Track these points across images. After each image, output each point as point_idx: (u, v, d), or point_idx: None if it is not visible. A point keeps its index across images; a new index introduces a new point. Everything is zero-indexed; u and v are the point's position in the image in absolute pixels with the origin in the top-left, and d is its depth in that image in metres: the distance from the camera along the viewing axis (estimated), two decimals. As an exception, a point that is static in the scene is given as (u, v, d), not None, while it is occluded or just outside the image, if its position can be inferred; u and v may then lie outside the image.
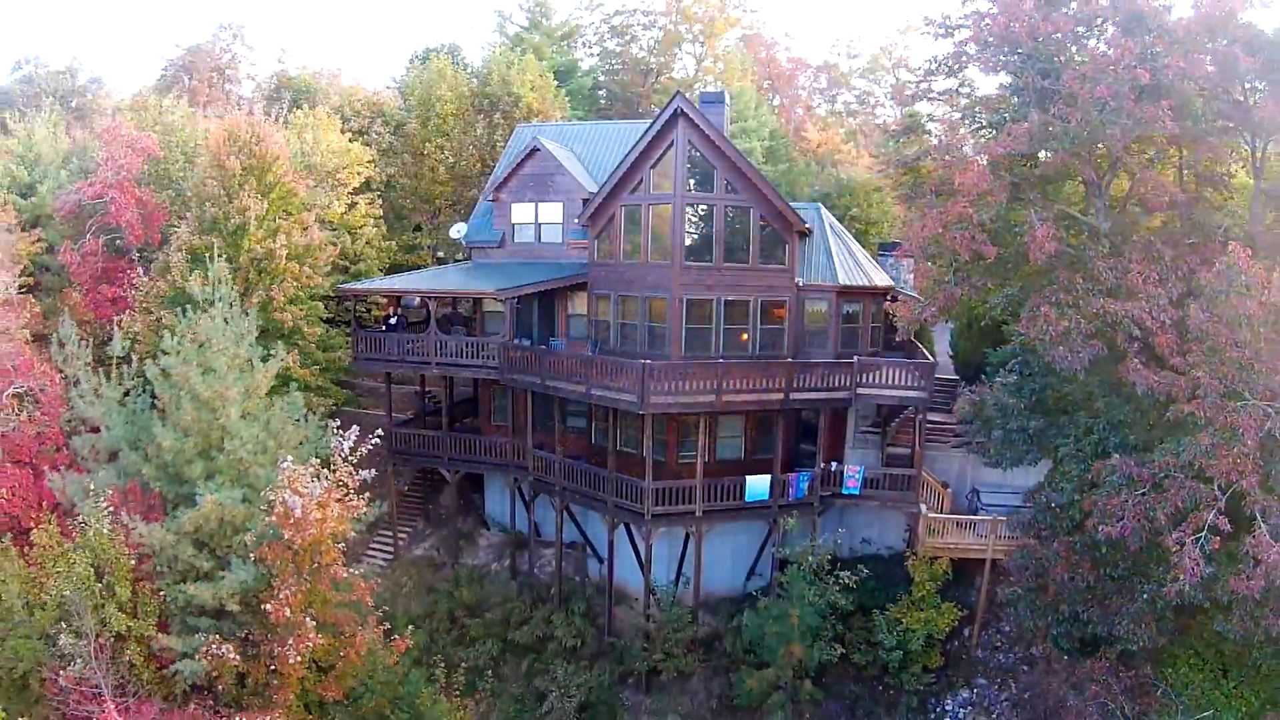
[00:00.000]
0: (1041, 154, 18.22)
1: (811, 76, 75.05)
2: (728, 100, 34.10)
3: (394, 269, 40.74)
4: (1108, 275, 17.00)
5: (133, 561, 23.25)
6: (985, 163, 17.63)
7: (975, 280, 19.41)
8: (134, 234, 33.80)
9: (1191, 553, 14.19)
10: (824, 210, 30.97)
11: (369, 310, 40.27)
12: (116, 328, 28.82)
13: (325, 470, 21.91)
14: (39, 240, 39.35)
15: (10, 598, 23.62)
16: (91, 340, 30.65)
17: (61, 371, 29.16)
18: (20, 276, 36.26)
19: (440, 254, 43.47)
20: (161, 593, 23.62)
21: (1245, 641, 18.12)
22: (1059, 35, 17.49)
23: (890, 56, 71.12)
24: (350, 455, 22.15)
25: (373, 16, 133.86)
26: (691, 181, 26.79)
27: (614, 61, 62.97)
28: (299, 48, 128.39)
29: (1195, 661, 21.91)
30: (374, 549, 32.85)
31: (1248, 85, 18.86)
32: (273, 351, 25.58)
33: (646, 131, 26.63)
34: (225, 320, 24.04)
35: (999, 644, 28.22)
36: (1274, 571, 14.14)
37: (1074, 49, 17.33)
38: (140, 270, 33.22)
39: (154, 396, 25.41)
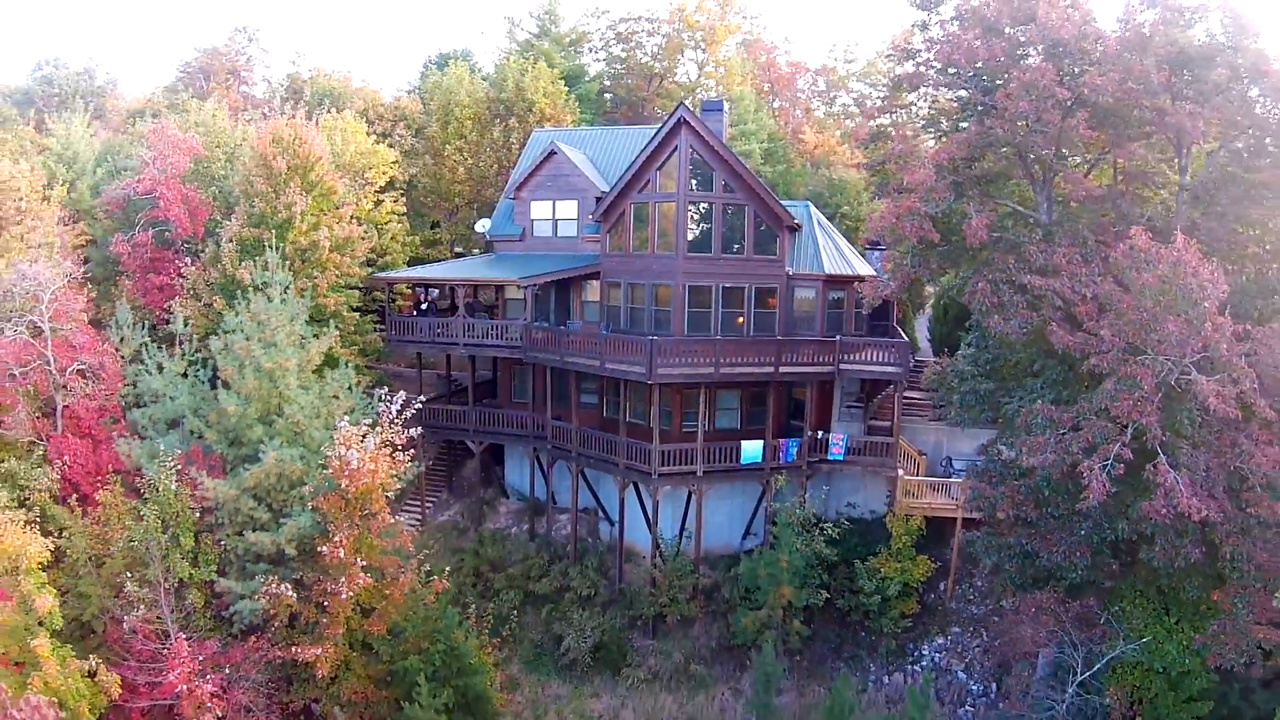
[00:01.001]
0: (988, 157, 21.95)
1: (810, 80, 78.73)
2: (726, 108, 37.88)
3: (415, 261, 44.45)
4: (1038, 257, 20.77)
5: (196, 515, 26.92)
6: (931, 166, 21.42)
7: (930, 263, 23.25)
8: (182, 227, 37.53)
9: (1099, 476, 17.82)
10: (813, 208, 34.74)
11: (393, 300, 44.02)
12: (177, 310, 32.51)
13: (373, 431, 25.65)
14: (81, 234, 43.11)
15: (76, 552, 27.24)
16: (145, 323, 34.51)
17: (119, 350, 32.89)
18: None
19: (458, 248, 47.20)
20: (221, 543, 27.30)
21: (1168, 570, 21.81)
22: (996, 60, 21.24)
23: (893, 58, 74.79)
24: (396, 418, 25.94)
25: (383, 20, 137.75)
26: (693, 182, 30.56)
27: (619, 66, 66.72)
28: (310, 50, 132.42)
29: (1140, 601, 25.56)
30: (402, 517, 36.52)
31: (1159, 98, 22.62)
32: (320, 332, 29.35)
33: (653, 138, 30.43)
34: (282, 301, 27.77)
35: (971, 597, 31.94)
36: (1172, 494, 17.81)
37: (1010, 72, 21.07)
38: (188, 260, 36.89)
39: (215, 371, 29.14)
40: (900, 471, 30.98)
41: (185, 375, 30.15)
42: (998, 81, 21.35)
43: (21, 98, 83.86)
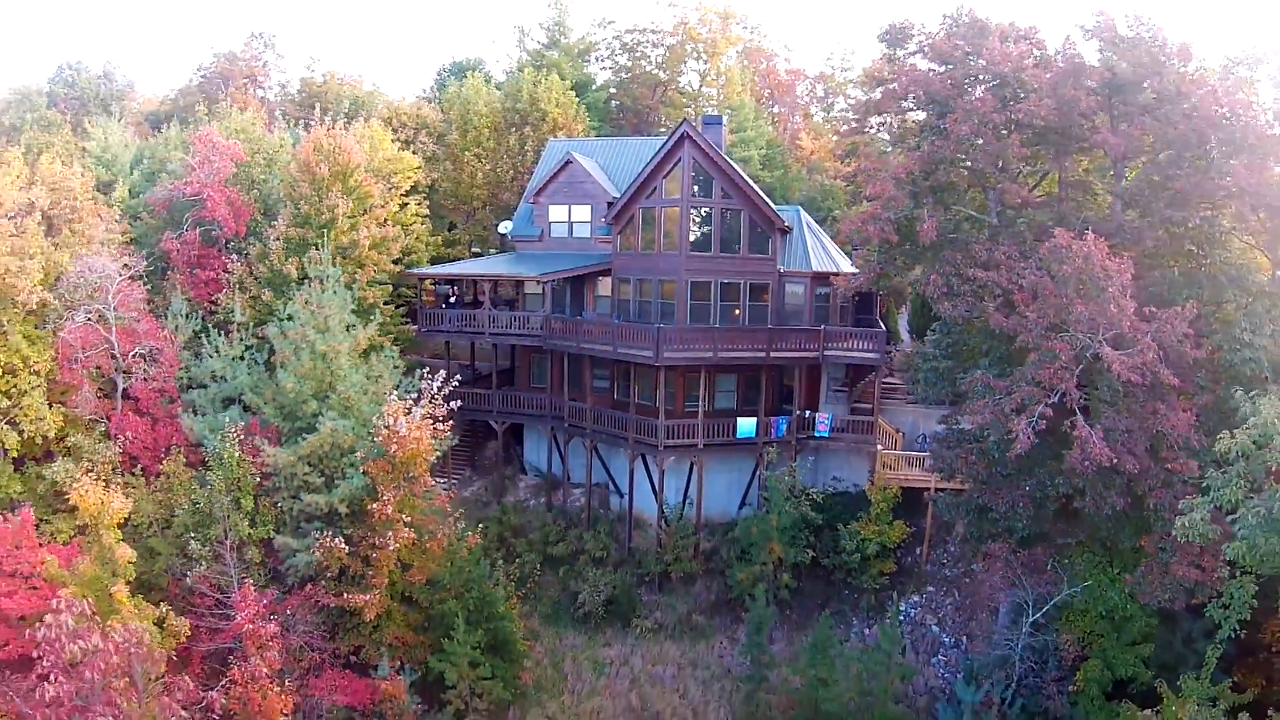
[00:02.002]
0: (941, 171, 26.49)
1: (809, 86, 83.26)
2: (725, 121, 42.47)
3: (436, 260, 48.96)
4: (982, 254, 25.26)
5: (256, 479, 31.35)
6: (891, 179, 26.00)
7: (896, 260, 27.81)
8: (228, 227, 42.02)
9: (1025, 430, 22.27)
10: (803, 212, 39.31)
11: (417, 295, 48.54)
12: (224, 301, 37.03)
13: (417, 405, 30.17)
14: (125, 232, 47.61)
15: (143, 515, 31.66)
16: (196, 313, 39.02)
17: (175, 337, 37.39)
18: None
19: (475, 248, 51.77)
20: (278, 505, 31.76)
21: (1102, 520, 26.28)
22: (946, 89, 25.73)
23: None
24: (436, 394, 30.47)
25: (393, 26, 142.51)
26: (695, 188, 35.13)
27: (624, 75, 71.33)
28: (323, 55, 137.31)
29: (1085, 553, 30.02)
30: (429, 492, 41.01)
31: (1096, 117, 27.18)
32: (368, 320, 33.89)
33: (660, 150, 35.00)
34: (334, 292, 32.30)
35: (945, 561, 36.42)
36: (1087, 444, 22.29)
37: (957, 100, 25.55)
38: (234, 257, 41.38)
39: (271, 353, 33.66)
40: (879, 447, 35.49)
41: (242, 358, 34.73)
42: (949, 108, 25.91)
43: (43, 100, 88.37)
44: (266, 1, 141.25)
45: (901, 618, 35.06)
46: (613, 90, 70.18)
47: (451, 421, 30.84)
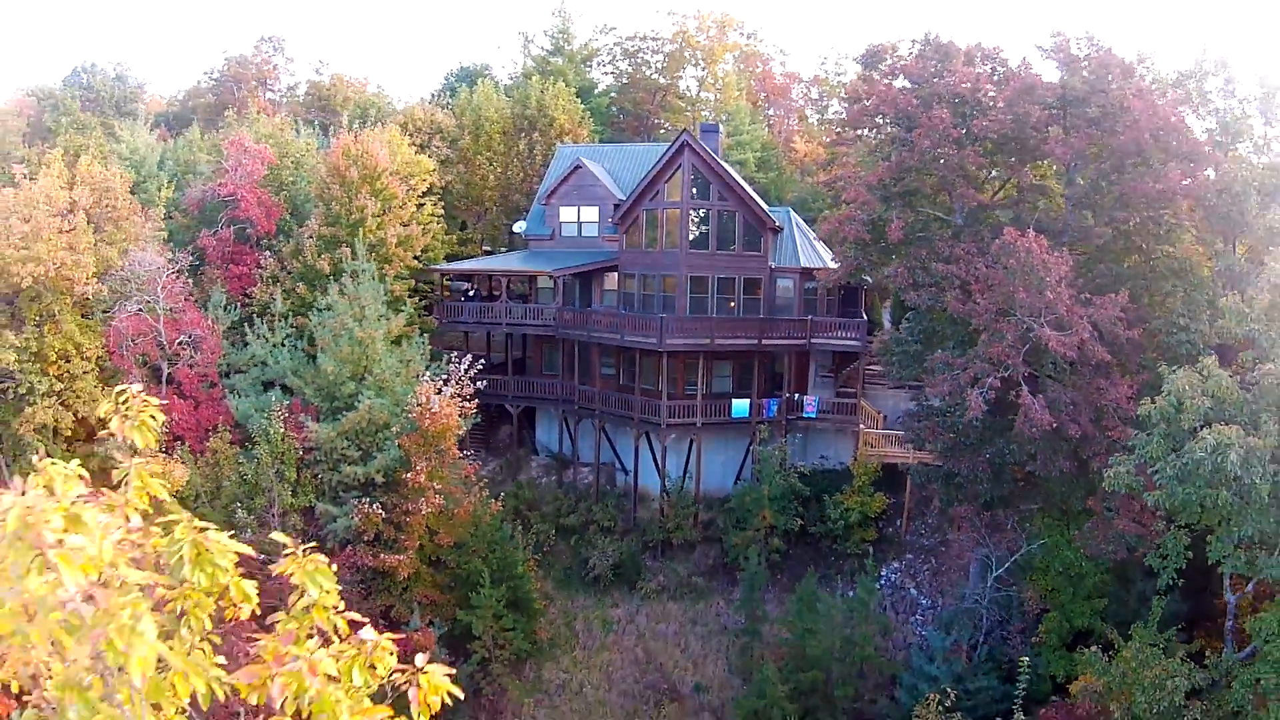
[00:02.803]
0: (908, 178, 30.85)
1: (804, 89, 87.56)
2: (721, 127, 46.75)
3: (451, 257, 53.13)
4: (944, 250, 29.56)
5: (299, 452, 35.53)
6: (864, 186, 30.37)
7: (871, 256, 32.18)
8: (261, 225, 46.25)
9: (977, 399, 26.55)
10: (793, 213, 43.62)
11: (433, 289, 52.82)
12: (260, 294, 41.24)
13: (446, 385, 34.43)
14: (158, 229, 51.75)
15: (190, 489, 35.77)
16: (235, 305, 43.21)
17: (216, 326, 41.56)
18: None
19: (487, 246, 56.02)
20: (318, 476, 35.96)
21: (1052, 481, 30.57)
22: (912, 107, 30.11)
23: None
24: (464, 376, 34.74)
25: (396, 29, 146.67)
26: (694, 191, 39.42)
27: (625, 80, 75.63)
28: (330, 57, 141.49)
29: (1045, 518, 34.33)
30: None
31: (1051, 129, 31.57)
32: (400, 309, 38.12)
33: (662, 156, 39.30)
34: (368, 284, 36.53)
35: (923, 532, 40.72)
36: (1030, 410, 26.58)
37: (921, 117, 29.89)
38: (267, 254, 45.57)
39: (310, 341, 37.84)
40: (862, 427, 39.82)
41: (281, 345, 38.96)
42: (915, 123, 30.23)
43: (74, 104, 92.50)
44: (270, 4, 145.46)
45: (882, 582, 39.35)
46: (614, 95, 74.48)
47: (476, 400, 35.06)
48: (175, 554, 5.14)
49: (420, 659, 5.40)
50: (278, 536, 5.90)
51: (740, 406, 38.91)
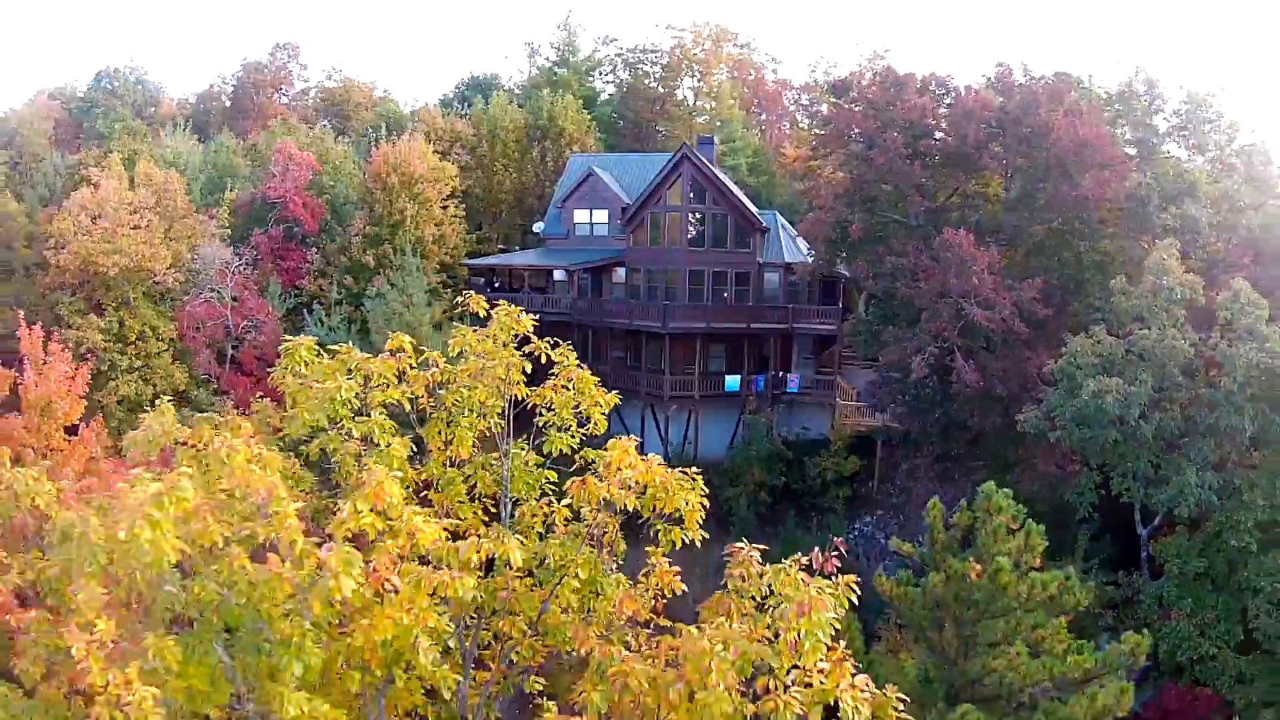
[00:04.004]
0: (869, 188, 38.92)
1: (795, 95, 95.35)
2: (716, 135, 54.76)
3: (471, 255, 60.89)
4: (898, 246, 37.49)
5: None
6: (831, 194, 38.45)
7: (841, 252, 40.26)
8: (306, 225, 54.03)
9: (919, 364, 34.42)
10: (779, 216, 51.63)
11: (455, 283, 60.60)
12: (332, 284, 48.99)
13: (482, 360, 42.25)
14: (222, 227, 59.30)
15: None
16: (290, 294, 51.00)
17: (274, 312, 49.27)
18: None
19: (502, 245, 63.85)
20: (371, 441, 43.71)
21: (985, 433, 38.53)
22: (871, 129, 38.10)
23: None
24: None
25: (399, 32, 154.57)
26: (691, 196, 47.37)
27: (625, 89, 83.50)
28: (341, 63, 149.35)
29: (986, 471, 42.23)
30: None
31: (993, 145, 39.62)
32: (435, 300, 45.93)
33: (664, 166, 47.28)
34: (414, 274, 44.32)
35: (891, 492, 48.57)
36: (963, 373, 34.43)
37: (877, 137, 37.83)
38: (314, 250, 53.29)
39: (363, 325, 45.58)
40: (839, 401, 47.76)
41: (335, 329, 46.72)
42: (874, 143, 38.26)
43: (83, 104, 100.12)
44: (277, 9, 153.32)
45: (856, 534, 47.24)
46: (615, 104, 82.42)
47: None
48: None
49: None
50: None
51: (732, 382, 46.87)
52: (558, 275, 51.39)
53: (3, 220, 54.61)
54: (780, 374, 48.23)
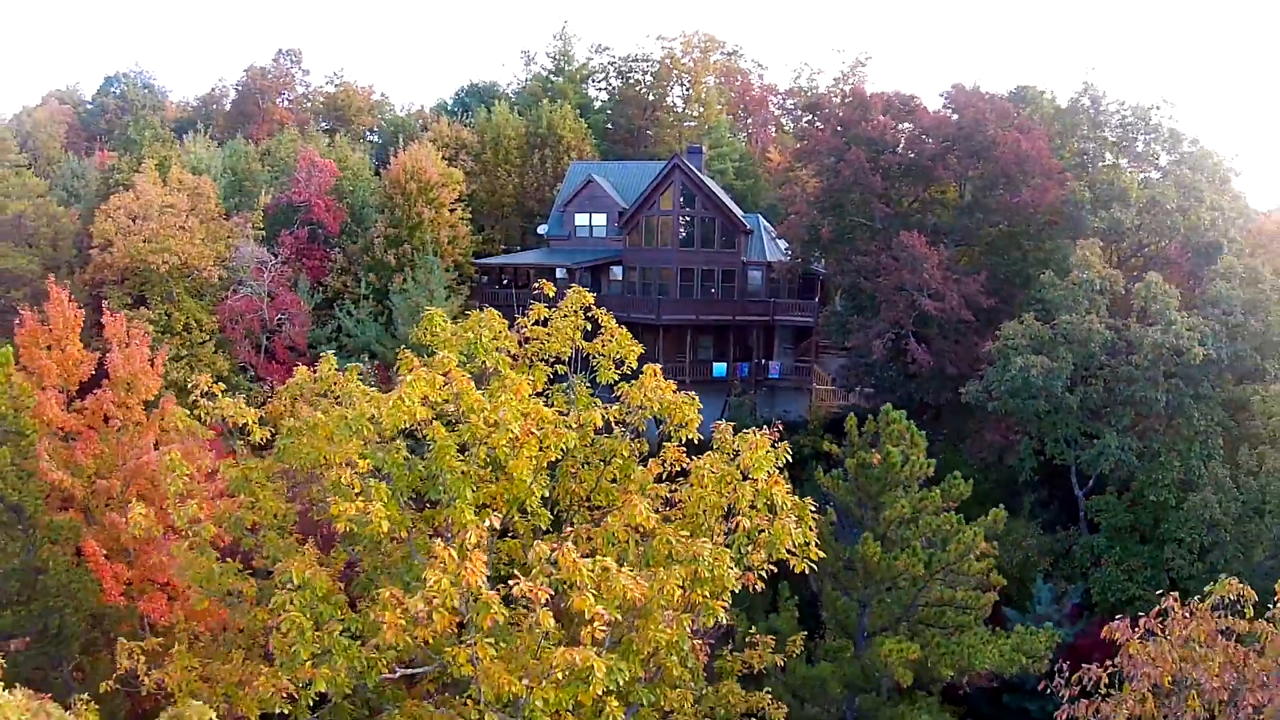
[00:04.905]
0: (837, 196, 46.10)
1: (780, 100, 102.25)
2: (704, 141, 61.81)
3: (478, 255, 67.74)
4: (862, 246, 44.63)
5: (381, 404, 50.08)
6: (805, 202, 45.58)
7: (814, 251, 47.41)
8: (330, 228, 60.76)
9: (879, 346, 41.48)
10: (761, 218, 58.70)
11: (463, 280, 67.30)
12: (363, 280, 55.70)
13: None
14: (257, 229, 65.79)
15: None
16: (319, 290, 57.73)
17: (305, 306, 55.96)
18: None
19: (504, 245, 70.68)
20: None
21: (942, 409, 45.66)
22: (840, 146, 45.26)
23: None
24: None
25: (396, 34, 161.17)
26: (682, 201, 54.37)
27: (617, 96, 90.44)
28: (342, 68, 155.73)
29: (945, 443, 49.33)
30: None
31: (949, 156, 46.78)
32: (453, 294, 52.79)
33: (658, 175, 54.29)
34: (434, 272, 51.15)
35: (862, 469, 55.64)
36: (914, 353, 41.49)
37: (843, 154, 44.95)
38: (337, 251, 59.97)
39: (388, 318, 52.40)
40: (815, 386, 54.85)
41: (364, 320, 53.55)
42: (841, 157, 45.44)
43: (95, 109, 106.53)
44: (277, 14, 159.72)
45: (832, 503, 54.27)
46: (608, 110, 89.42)
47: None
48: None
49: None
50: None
51: (719, 368, 53.88)
52: (560, 273, 58.21)
53: (51, 221, 61.33)
54: (762, 361, 55.27)
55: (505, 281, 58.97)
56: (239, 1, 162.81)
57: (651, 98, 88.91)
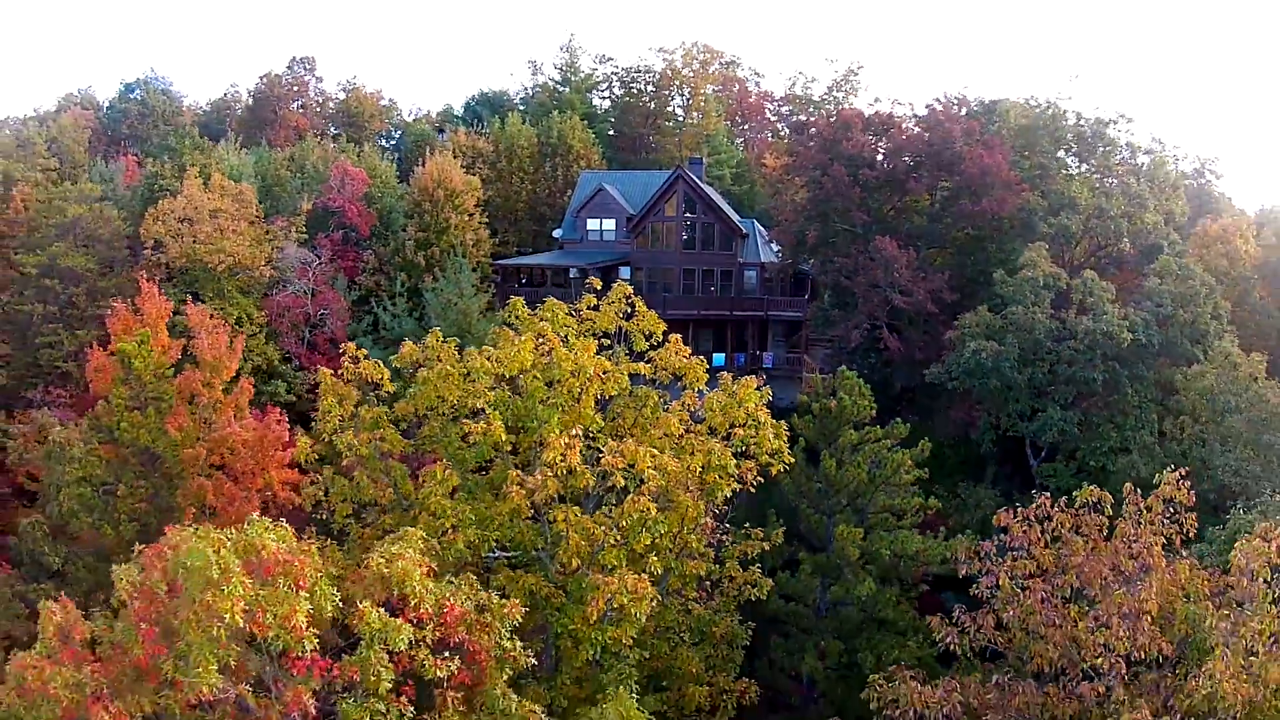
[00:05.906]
0: (822, 204, 54.86)
1: (776, 107, 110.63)
2: (704, 146, 70.61)
3: (495, 256, 76.27)
4: (843, 249, 53.31)
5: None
6: (793, 210, 54.28)
7: (802, 254, 56.13)
8: (362, 231, 69.28)
9: (856, 335, 50.13)
10: (756, 223, 67.31)
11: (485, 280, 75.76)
12: (396, 279, 64.17)
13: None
14: (300, 232, 73.97)
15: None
16: (355, 288, 66.27)
17: (344, 302, 64.44)
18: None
19: (518, 248, 79.28)
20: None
21: (920, 395, 54.49)
22: (824, 162, 54.00)
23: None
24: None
25: (406, 46, 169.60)
26: (684, 208, 63.11)
27: (620, 105, 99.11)
28: (356, 75, 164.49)
29: (923, 422, 58.09)
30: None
31: (921, 169, 55.54)
32: (479, 292, 61.39)
33: (663, 184, 63.00)
34: (463, 270, 59.67)
35: (846, 449, 64.42)
36: (887, 341, 50.13)
37: (826, 169, 53.67)
38: (370, 253, 68.44)
39: (423, 313, 61.00)
40: (805, 375, 63.49)
41: (399, 315, 62.09)
42: (825, 172, 54.17)
43: (115, 114, 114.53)
44: (287, 19, 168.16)
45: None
46: (612, 118, 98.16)
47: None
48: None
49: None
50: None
51: (718, 359, 62.53)
52: (573, 273, 66.92)
53: (106, 224, 69.70)
54: (757, 353, 64.04)
55: (524, 280, 67.68)
56: (244, 9, 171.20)
57: (653, 106, 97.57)
